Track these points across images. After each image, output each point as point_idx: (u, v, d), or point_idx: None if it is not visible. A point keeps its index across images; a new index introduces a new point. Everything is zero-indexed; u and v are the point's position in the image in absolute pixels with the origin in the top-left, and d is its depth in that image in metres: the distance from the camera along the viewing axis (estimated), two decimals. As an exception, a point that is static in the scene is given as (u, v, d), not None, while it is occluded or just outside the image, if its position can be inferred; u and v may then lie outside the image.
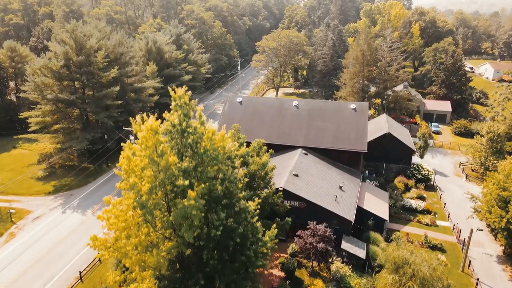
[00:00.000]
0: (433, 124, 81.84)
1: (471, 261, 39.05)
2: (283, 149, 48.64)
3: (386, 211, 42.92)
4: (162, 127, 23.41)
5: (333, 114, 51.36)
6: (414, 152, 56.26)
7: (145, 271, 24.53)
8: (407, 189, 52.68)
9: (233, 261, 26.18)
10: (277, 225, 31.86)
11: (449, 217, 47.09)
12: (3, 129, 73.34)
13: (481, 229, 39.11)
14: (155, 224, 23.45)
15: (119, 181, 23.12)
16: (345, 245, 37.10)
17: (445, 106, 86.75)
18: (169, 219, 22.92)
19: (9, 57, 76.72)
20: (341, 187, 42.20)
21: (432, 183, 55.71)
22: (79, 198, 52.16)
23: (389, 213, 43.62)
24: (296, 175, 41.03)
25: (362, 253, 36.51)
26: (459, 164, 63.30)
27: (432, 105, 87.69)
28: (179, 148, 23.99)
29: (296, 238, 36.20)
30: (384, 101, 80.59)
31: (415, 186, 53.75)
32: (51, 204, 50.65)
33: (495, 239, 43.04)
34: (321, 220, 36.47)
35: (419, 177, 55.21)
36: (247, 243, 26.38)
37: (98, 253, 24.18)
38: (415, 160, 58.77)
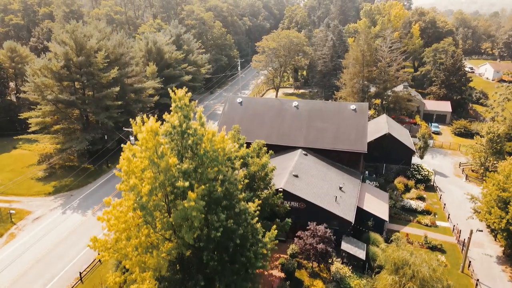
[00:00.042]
0: (433, 124, 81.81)
1: (471, 261, 39.09)
2: (283, 150, 48.70)
3: (386, 211, 42.96)
4: (162, 128, 23.49)
5: (333, 114, 51.39)
6: (414, 152, 56.29)
7: (145, 272, 24.55)
8: (407, 189, 52.71)
9: (233, 262, 26.24)
10: (277, 226, 31.92)
11: (449, 218, 47.13)
12: (3, 129, 73.35)
13: (481, 229, 39.26)
14: (155, 225, 23.51)
15: (119, 181, 23.19)
16: (345, 245, 37.14)
17: (445, 106, 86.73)
18: (169, 220, 22.98)
19: (9, 58, 76.74)
20: (341, 188, 42.23)
21: (432, 183, 55.73)
22: (79, 198, 52.20)
23: (389, 214, 43.65)
24: (296, 176, 41.06)
25: (362, 254, 36.55)
26: (459, 164, 63.33)
27: (432, 105, 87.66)
28: (179, 149, 24.08)
29: (296, 239, 36.27)
30: (384, 102, 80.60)
31: (415, 186, 53.77)
32: (51, 204, 50.70)
33: (495, 239, 43.08)
34: (321, 220, 36.56)
35: (419, 177, 55.24)
36: (247, 244, 26.45)
37: (98, 254, 24.16)
38: (415, 160, 58.83)
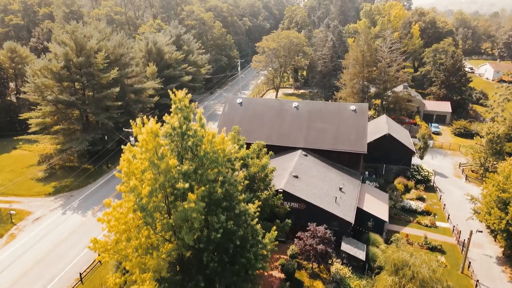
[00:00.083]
0: (433, 124, 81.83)
1: (470, 262, 39.11)
2: (283, 150, 48.73)
3: (386, 212, 42.98)
4: (162, 129, 23.50)
5: (333, 115, 51.41)
6: (414, 153, 56.31)
7: (145, 273, 24.56)
8: (407, 190, 52.74)
9: (233, 263, 26.27)
10: (277, 227, 31.97)
11: (448, 218, 47.15)
12: (3, 130, 73.32)
13: (481, 230, 39.30)
14: (155, 226, 23.54)
15: (120, 182, 23.23)
16: (345, 246, 37.16)
17: (445, 106, 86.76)
18: (169, 221, 23.01)
19: (9, 58, 76.71)
20: (341, 189, 42.25)
21: (432, 184, 55.75)
22: (79, 199, 52.22)
23: (389, 214, 43.68)
24: (296, 177, 41.08)
25: (362, 255, 36.58)
26: (459, 165, 63.35)
27: (432, 105, 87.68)
28: (179, 150, 24.10)
29: (296, 239, 36.31)
30: (384, 102, 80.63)
31: (415, 187, 53.78)
32: (51, 205, 50.71)
33: (495, 240, 43.11)
34: (321, 221, 36.60)
35: (419, 178, 55.25)
36: (247, 245, 26.49)
37: (98, 256, 24.18)
38: (415, 161, 58.86)
